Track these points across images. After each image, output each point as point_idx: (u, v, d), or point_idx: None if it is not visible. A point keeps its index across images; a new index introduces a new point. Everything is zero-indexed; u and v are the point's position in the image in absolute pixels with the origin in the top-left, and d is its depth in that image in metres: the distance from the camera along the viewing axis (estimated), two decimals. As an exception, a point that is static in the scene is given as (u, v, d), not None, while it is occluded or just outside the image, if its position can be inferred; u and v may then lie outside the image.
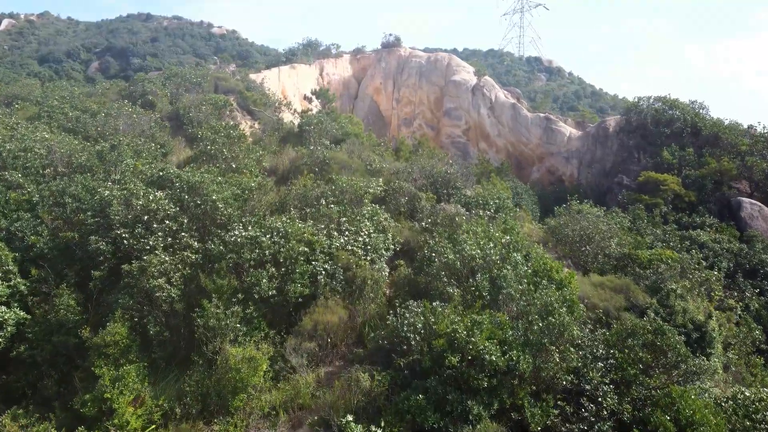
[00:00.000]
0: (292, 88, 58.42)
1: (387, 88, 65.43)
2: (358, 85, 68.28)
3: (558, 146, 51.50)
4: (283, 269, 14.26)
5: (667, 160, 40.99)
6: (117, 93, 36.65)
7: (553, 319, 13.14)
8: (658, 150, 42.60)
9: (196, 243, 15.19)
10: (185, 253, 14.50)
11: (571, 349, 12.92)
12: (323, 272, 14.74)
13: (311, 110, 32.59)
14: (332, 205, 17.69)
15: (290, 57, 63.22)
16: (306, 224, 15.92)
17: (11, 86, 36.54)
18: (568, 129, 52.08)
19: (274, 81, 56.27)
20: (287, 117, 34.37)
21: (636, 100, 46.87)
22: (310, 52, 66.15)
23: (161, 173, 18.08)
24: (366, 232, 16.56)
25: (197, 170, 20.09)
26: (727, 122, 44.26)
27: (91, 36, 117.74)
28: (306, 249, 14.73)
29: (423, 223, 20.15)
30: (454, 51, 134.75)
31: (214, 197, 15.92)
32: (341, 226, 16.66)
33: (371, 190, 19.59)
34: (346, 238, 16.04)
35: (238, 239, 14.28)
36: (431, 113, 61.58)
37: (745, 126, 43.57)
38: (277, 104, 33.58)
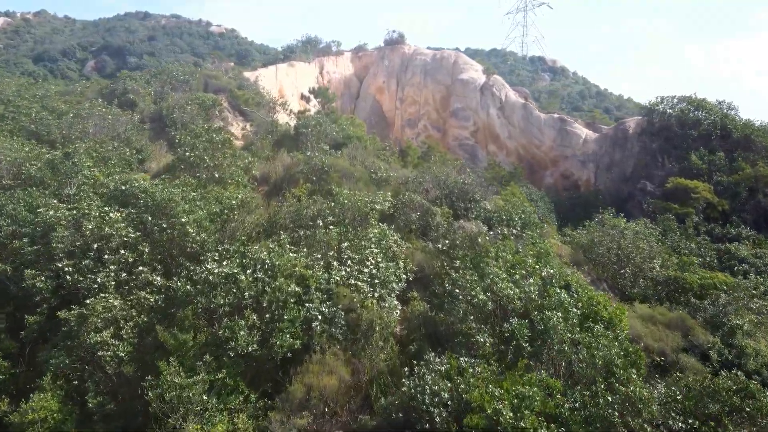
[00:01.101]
0: (290, 87, 55.21)
1: (390, 87, 62.22)
2: (359, 84, 65.08)
3: (573, 149, 48.27)
4: (267, 315, 11.04)
5: (695, 165, 37.77)
6: (97, 92, 33.44)
7: (622, 387, 9.94)
8: (684, 154, 39.37)
9: (159, 278, 11.98)
10: (142, 294, 11.29)
11: (648, 429, 9.69)
12: (319, 317, 11.54)
13: (309, 111, 29.41)
14: (331, 227, 14.49)
15: (288, 54, 60.02)
16: (298, 253, 12.70)
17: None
18: (583, 131, 48.85)
19: (270, 80, 53.07)
20: (283, 118, 31.18)
21: (658, 99, 43.65)
22: (309, 49, 62.94)
23: (124, 187, 14.87)
24: (373, 261, 13.36)
25: (172, 182, 16.89)
26: (757, 123, 41.03)
27: (88, 35, 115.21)
28: (297, 289, 11.52)
29: (439, 245, 16.96)
30: (456, 50, 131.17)
31: (183, 219, 12.71)
32: (342, 254, 13.46)
33: (378, 207, 16.39)
34: (348, 270, 12.85)
35: (210, 276, 11.07)
36: (437, 114, 58.37)
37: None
38: (271, 104, 30.39)
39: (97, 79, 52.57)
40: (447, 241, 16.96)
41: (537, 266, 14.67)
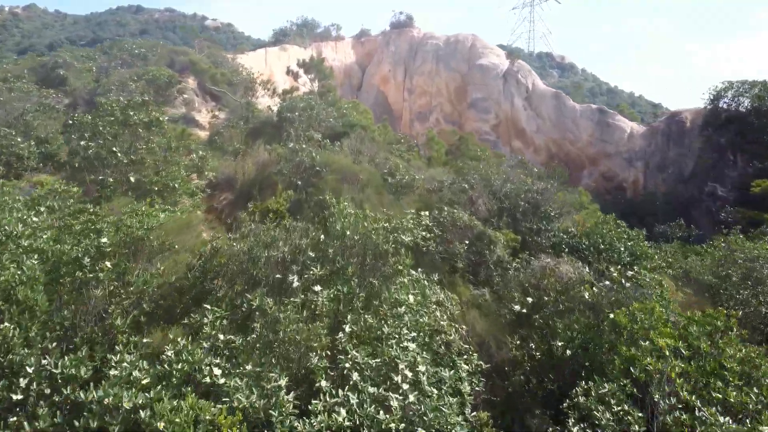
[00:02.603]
0: (281, 74, 47.68)
1: (397, 76, 54.68)
2: (362, 74, 57.57)
3: (616, 145, 40.70)
4: None
5: (783, 163, 30.26)
6: (32, 69, 25.89)
7: None
8: (765, 150, 31.83)
9: None
10: None
11: None
12: None
13: (298, 89, 21.90)
14: (318, 287, 6.91)
15: (280, 38, 52.51)
16: (232, 378, 5.09)
17: None
18: (628, 124, 41.29)
19: (258, 64, 45.53)
20: (266, 102, 23.69)
21: (725, 84, 36.00)
22: (305, 33, 55.46)
23: None
24: (408, 374, 5.78)
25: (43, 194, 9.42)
26: None
27: (79, 29, 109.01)
28: None
29: (516, 305, 9.41)
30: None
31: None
32: (340, 362, 5.87)
33: (407, 238, 8.81)
34: (355, 408, 5.24)
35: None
36: (451, 105, 50.80)
37: None
38: (249, 83, 22.89)
39: (32, 54, 44.89)
40: (530, 299, 9.42)
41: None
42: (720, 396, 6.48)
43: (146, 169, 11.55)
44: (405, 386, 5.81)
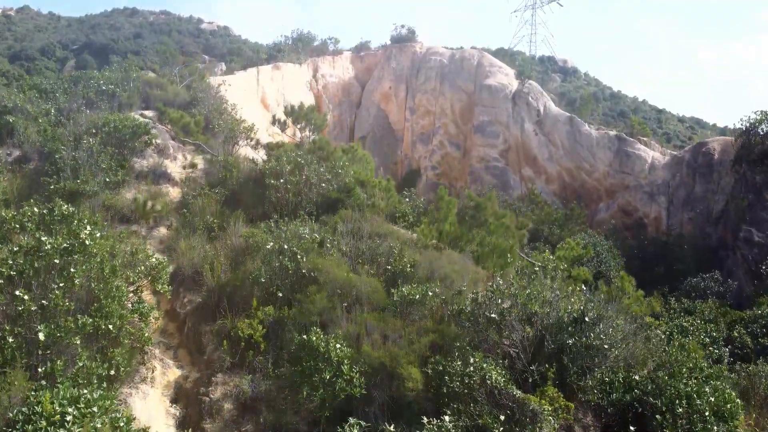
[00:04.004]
0: (274, 95, 44.52)
1: (398, 93, 51.47)
2: (361, 90, 54.35)
3: (636, 176, 37.55)
4: None
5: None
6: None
7: None
8: (808, 192, 28.75)
9: None
10: None
11: None
12: None
13: (289, 138, 18.70)
14: None
15: (275, 54, 49.30)
16: None
17: None
18: (649, 153, 38.14)
19: (250, 86, 42.34)
20: (248, 152, 20.45)
21: (758, 116, 32.81)
22: (301, 48, 52.24)
23: None
24: None
25: None
26: None
27: (73, 32, 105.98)
28: None
29: None
30: (461, 50, 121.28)
31: None
32: None
33: None
34: None
35: None
36: (456, 127, 47.62)
37: None
38: (230, 131, 19.64)
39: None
40: None
41: None
42: None
43: (61, 316, 8.35)
44: None
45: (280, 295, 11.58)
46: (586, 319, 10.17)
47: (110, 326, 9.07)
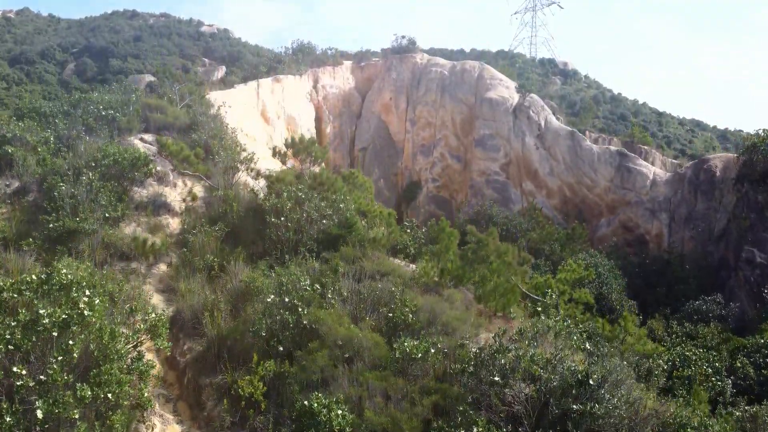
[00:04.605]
0: (274, 108, 44.42)
1: (399, 105, 51.33)
2: (361, 100, 54.22)
3: (637, 192, 37.45)
4: None
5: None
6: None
7: None
8: (810, 214, 28.64)
9: None
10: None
11: None
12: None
13: (284, 168, 18.59)
14: None
15: (275, 65, 49.17)
16: None
17: None
18: (650, 169, 38.03)
19: (250, 99, 42.26)
20: (249, 181, 20.33)
21: (762, 134, 32.71)
22: (301, 59, 52.10)
23: None
24: None
25: None
26: None
27: (72, 35, 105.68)
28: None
29: None
30: (461, 52, 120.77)
31: None
32: None
33: None
34: None
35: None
36: (457, 139, 47.51)
37: None
38: (231, 161, 19.48)
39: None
40: None
41: None
42: None
43: (59, 390, 8.24)
44: None
45: (281, 348, 11.48)
46: (591, 381, 10.07)
47: (109, 395, 8.96)
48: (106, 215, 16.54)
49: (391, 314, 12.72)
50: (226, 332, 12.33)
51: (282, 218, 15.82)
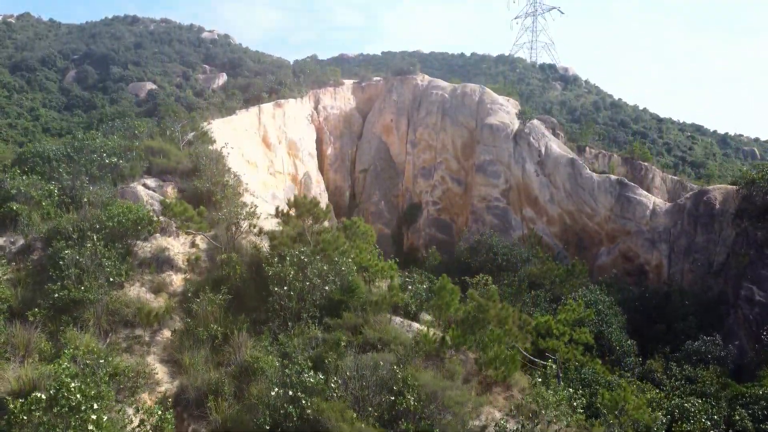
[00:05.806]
0: (276, 133, 44.63)
1: (399, 126, 51.55)
2: (362, 121, 54.45)
3: (637, 222, 37.62)
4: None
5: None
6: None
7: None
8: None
9: None
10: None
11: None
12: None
13: (282, 237, 18.77)
14: None
15: (276, 88, 49.35)
16: None
17: None
18: (650, 199, 38.19)
19: (251, 125, 42.48)
20: (251, 237, 20.51)
21: (762, 169, 32.84)
22: (302, 80, 52.32)
23: None
24: None
25: None
26: None
27: (73, 40, 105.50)
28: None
29: None
30: (462, 56, 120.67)
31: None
32: None
33: None
34: None
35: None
36: (457, 163, 47.68)
37: None
38: (233, 217, 19.68)
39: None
40: None
41: None
42: None
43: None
44: None
45: (284, 440, 11.65)
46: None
47: None
48: (111, 279, 16.68)
49: (393, 398, 12.88)
50: (230, 420, 12.50)
51: (285, 288, 15.98)
